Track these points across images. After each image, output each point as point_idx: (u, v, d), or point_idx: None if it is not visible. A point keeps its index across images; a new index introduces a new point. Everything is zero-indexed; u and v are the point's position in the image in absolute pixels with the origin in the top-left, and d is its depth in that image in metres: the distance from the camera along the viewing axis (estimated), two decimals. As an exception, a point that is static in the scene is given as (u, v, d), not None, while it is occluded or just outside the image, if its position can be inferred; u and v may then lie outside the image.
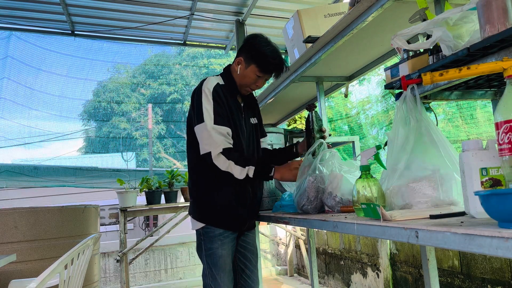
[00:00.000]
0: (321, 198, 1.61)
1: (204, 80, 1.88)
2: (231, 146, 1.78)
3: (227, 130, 1.78)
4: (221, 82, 1.90)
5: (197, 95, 1.84)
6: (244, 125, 1.92)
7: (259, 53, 1.84)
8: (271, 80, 2.11)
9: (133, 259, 4.27)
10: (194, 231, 1.91)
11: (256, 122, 2.04)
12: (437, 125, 1.30)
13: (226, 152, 1.74)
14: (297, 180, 1.68)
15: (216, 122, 1.76)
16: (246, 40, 1.93)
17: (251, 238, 2.04)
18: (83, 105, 11.12)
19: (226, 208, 1.85)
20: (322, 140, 1.77)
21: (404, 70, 1.34)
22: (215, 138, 1.74)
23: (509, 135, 0.85)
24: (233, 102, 1.89)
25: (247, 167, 1.74)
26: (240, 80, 1.89)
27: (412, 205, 1.16)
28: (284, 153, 2.09)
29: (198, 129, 1.79)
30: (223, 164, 1.74)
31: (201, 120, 1.78)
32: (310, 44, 2.17)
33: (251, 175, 1.74)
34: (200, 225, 1.87)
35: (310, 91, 2.92)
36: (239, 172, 1.74)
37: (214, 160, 1.73)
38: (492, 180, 0.93)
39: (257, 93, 3.23)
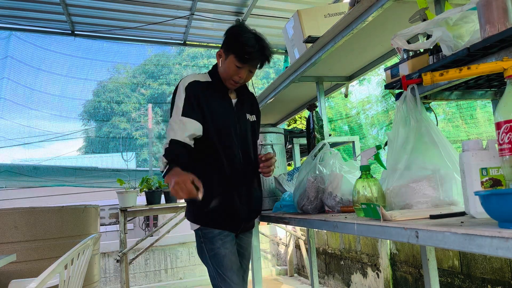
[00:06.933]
0: (321, 198, 1.61)
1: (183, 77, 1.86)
2: (185, 140, 1.71)
3: (194, 122, 1.73)
4: (205, 79, 1.84)
5: (174, 92, 1.83)
6: (236, 121, 1.85)
7: (235, 42, 1.76)
8: (273, 77, 2.08)
9: (133, 259, 4.26)
10: (194, 231, 1.89)
11: (254, 119, 1.96)
12: (437, 125, 1.30)
13: (171, 143, 1.69)
14: (297, 180, 1.68)
15: (183, 114, 1.73)
16: (226, 31, 1.83)
17: (245, 241, 1.97)
18: (83, 105, 11.09)
19: (218, 209, 1.79)
20: (325, 141, 1.76)
21: (404, 70, 1.34)
22: (174, 127, 1.71)
23: (509, 135, 0.85)
24: (220, 98, 1.84)
25: (165, 161, 1.67)
26: (222, 73, 1.82)
27: (412, 205, 1.16)
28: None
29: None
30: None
31: (170, 115, 1.78)
32: (310, 44, 2.17)
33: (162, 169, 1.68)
34: (196, 226, 1.83)
35: (310, 91, 2.92)
36: (162, 166, 1.68)
37: (163, 148, 1.69)
38: (492, 180, 0.93)
39: (257, 92, 3.23)
